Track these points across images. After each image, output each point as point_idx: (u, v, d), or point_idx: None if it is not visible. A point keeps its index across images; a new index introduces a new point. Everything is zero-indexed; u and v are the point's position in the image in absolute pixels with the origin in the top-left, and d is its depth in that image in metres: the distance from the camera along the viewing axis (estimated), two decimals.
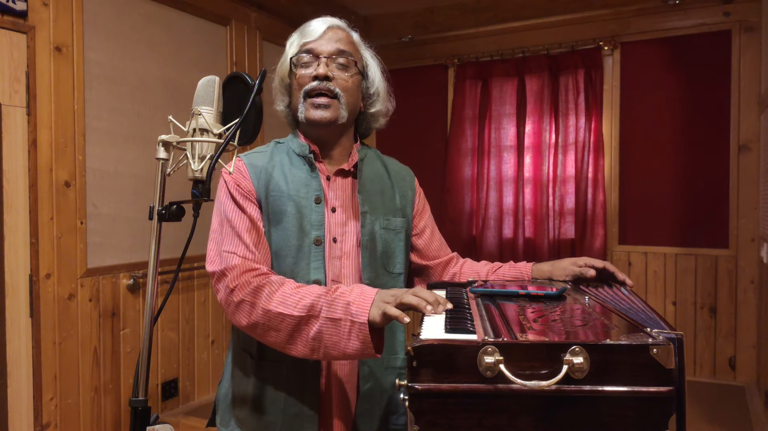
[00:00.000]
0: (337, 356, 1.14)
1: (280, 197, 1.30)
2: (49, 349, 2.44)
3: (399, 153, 1.69)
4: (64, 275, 2.49)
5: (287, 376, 1.28)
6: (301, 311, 1.13)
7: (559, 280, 1.41)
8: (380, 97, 1.43)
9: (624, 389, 0.79)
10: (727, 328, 3.54)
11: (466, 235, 4.20)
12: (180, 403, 3.10)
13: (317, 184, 1.33)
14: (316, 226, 1.30)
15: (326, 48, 1.32)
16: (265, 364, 1.30)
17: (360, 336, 1.08)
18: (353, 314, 1.09)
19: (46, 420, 2.44)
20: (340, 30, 1.36)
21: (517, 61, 4.08)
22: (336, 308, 1.11)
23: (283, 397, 1.28)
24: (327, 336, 1.12)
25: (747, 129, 3.50)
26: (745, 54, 3.49)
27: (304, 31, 1.36)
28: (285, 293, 1.16)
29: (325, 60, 1.31)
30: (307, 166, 1.34)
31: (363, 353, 1.10)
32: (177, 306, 3.08)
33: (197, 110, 1.14)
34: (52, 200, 2.43)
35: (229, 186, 1.30)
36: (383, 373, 1.35)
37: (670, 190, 3.71)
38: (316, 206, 1.31)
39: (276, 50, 3.65)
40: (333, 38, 1.33)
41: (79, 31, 2.53)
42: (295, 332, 1.14)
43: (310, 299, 1.14)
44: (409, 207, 1.47)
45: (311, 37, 1.33)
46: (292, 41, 1.38)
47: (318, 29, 1.33)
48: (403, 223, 1.43)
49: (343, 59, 1.33)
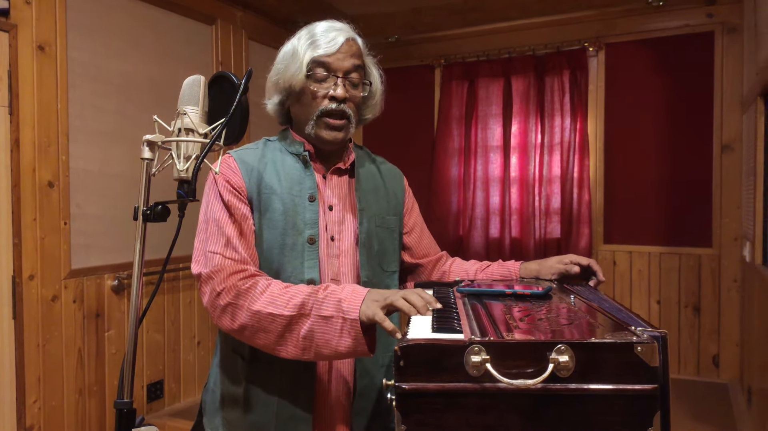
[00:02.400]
0: (328, 355, 1.13)
1: (273, 195, 1.29)
2: (32, 351, 2.41)
3: (386, 153, 1.69)
4: (47, 277, 2.46)
5: (280, 378, 1.27)
6: (291, 311, 1.12)
7: (546, 278, 1.42)
8: (377, 104, 1.43)
9: (609, 387, 0.80)
10: (711, 326, 3.58)
11: (453, 235, 4.21)
12: (166, 405, 3.08)
13: (311, 182, 1.32)
14: (309, 224, 1.29)
15: (343, 65, 1.29)
16: (258, 366, 1.28)
17: (352, 333, 1.08)
18: (345, 311, 1.09)
19: (30, 423, 2.41)
20: (354, 43, 1.32)
21: (503, 61, 4.09)
22: (327, 305, 1.11)
23: (276, 399, 1.27)
24: (319, 334, 1.11)
25: (730, 129, 3.54)
26: (728, 55, 3.53)
27: (319, 41, 1.28)
28: (273, 294, 1.15)
29: (341, 80, 1.29)
30: (301, 164, 1.34)
31: (355, 350, 1.09)
32: (162, 307, 3.06)
33: (182, 109, 1.13)
34: (35, 201, 2.41)
35: (218, 183, 1.27)
36: (379, 371, 1.35)
37: (654, 190, 3.74)
38: (310, 205, 1.30)
39: (262, 50, 3.63)
40: (349, 53, 1.30)
41: (63, 30, 2.51)
42: (285, 332, 1.13)
43: (300, 298, 1.13)
44: (400, 206, 1.49)
45: (328, 51, 1.28)
46: (302, 46, 1.30)
47: (335, 42, 1.28)
48: (396, 221, 1.44)
49: (356, 75, 1.31)
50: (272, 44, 3.68)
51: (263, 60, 3.61)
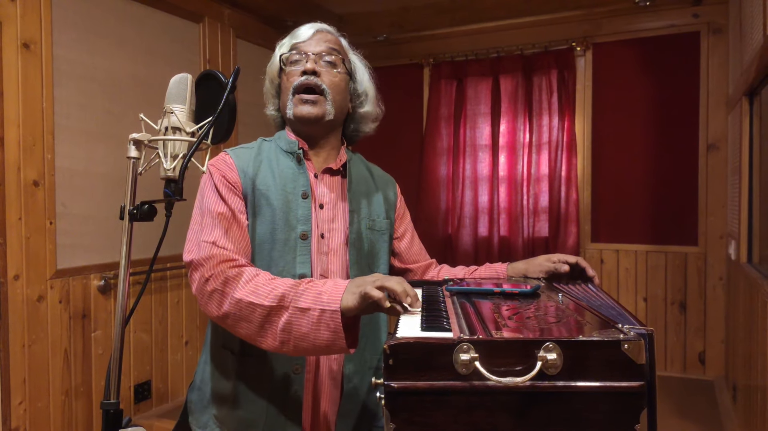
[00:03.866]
0: (307, 348, 1.11)
1: (267, 191, 1.30)
2: (17, 352, 2.39)
3: (375, 152, 1.70)
4: (33, 277, 2.43)
5: (271, 373, 1.27)
6: (272, 302, 1.11)
7: (534, 277, 1.43)
8: (369, 98, 1.46)
9: (596, 384, 0.81)
10: (697, 324, 3.62)
11: (442, 233, 4.22)
12: (153, 405, 3.06)
13: (305, 180, 1.34)
14: (302, 221, 1.31)
15: (315, 47, 1.36)
16: (249, 361, 1.28)
17: (331, 325, 1.06)
18: (324, 302, 1.08)
19: (15, 424, 2.38)
20: (328, 33, 1.41)
21: (491, 61, 4.11)
22: (306, 297, 1.10)
23: (266, 395, 1.27)
24: (296, 326, 1.09)
25: (715, 129, 3.57)
26: (713, 55, 3.57)
27: (294, 34, 1.40)
28: (258, 284, 1.15)
29: (313, 57, 1.35)
30: (295, 162, 1.36)
31: (334, 344, 1.08)
32: (150, 307, 3.04)
33: (169, 108, 1.12)
34: (20, 200, 2.38)
35: (214, 178, 1.29)
36: (367, 373, 1.35)
37: (641, 188, 3.77)
38: (303, 201, 1.32)
39: (250, 48, 3.62)
40: (322, 39, 1.38)
41: (48, 28, 2.48)
42: (265, 323, 1.12)
43: (282, 289, 1.12)
44: (392, 211, 1.50)
45: (301, 38, 1.38)
46: (282, 44, 1.42)
47: (307, 32, 1.38)
48: (387, 225, 1.46)
49: (331, 58, 1.37)
50: (260, 42, 3.67)
51: (251, 58, 3.59)
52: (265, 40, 3.70)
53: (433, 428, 0.81)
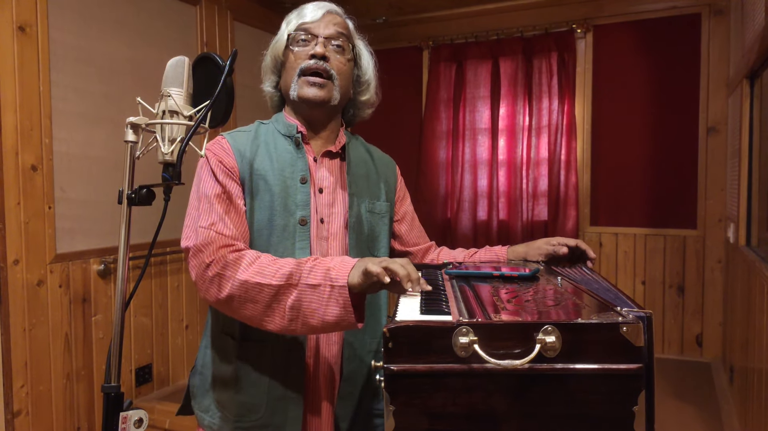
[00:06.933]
0: (315, 325, 1.11)
1: (265, 176, 1.29)
2: (18, 336, 2.40)
3: (374, 135, 1.69)
4: (32, 261, 2.44)
5: (272, 357, 1.27)
6: (279, 280, 1.11)
7: (533, 260, 1.43)
8: (371, 86, 1.45)
9: (595, 366, 0.81)
10: (695, 306, 3.64)
11: (441, 217, 4.22)
12: (154, 388, 3.08)
13: (303, 164, 1.33)
14: (301, 206, 1.30)
15: (324, 30, 1.34)
16: (249, 345, 1.29)
17: (340, 301, 1.07)
18: (333, 278, 1.08)
19: (17, 407, 2.40)
20: (337, 16, 1.38)
21: (491, 43, 4.07)
22: (316, 274, 1.10)
23: (267, 379, 1.27)
24: (306, 303, 1.10)
25: (715, 111, 3.56)
26: (714, 37, 3.54)
27: (302, 12, 1.36)
28: (262, 264, 1.15)
29: (323, 41, 1.32)
30: (293, 146, 1.34)
31: (343, 319, 1.08)
32: (150, 291, 3.04)
33: (167, 91, 1.11)
34: (18, 185, 2.37)
35: (211, 163, 1.28)
36: (367, 356, 1.35)
37: (640, 172, 3.76)
38: (302, 186, 1.31)
39: (247, 31, 3.58)
40: (331, 21, 1.35)
41: (44, 11, 2.45)
42: (272, 302, 1.12)
43: (288, 268, 1.12)
44: (392, 193, 1.50)
45: (309, 18, 1.34)
46: (289, 20, 1.38)
47: (316, 12, 1.35)
48: (387, 207, 1.45)
49: (340, 42, 1.35)
50: (258, 25, 3.64)
51: (249, 41, 3.56)
52: (262, 22, 3.67)
53: (433, 410, 0.82)
